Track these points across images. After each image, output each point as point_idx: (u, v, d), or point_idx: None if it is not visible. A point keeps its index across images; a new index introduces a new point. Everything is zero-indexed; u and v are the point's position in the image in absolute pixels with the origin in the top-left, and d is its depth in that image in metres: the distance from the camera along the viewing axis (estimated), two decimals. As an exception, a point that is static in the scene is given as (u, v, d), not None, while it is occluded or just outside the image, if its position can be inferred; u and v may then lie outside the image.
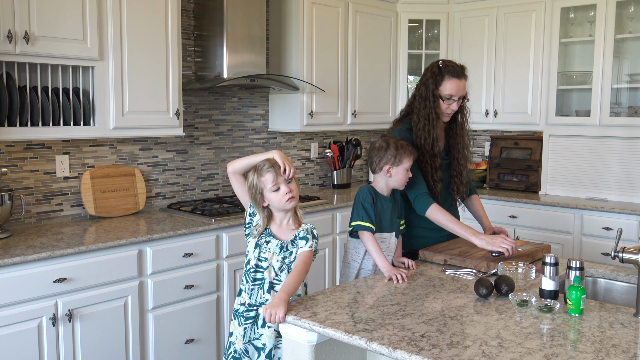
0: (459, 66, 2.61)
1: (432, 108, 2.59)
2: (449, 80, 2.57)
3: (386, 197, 2.49)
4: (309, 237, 2.13)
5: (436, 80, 2.58)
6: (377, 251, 2.34)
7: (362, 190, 2.47)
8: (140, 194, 3.55)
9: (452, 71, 2.58)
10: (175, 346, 3.11)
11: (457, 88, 2.57)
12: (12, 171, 3.10)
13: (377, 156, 2.45)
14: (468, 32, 4.81)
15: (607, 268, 2.45)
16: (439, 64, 2.61)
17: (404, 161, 2.42)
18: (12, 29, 2.71)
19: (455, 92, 2.57)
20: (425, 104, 2.59)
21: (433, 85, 2.58)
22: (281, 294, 1.93)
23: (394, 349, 1.60)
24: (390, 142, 2.44)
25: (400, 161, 2.42)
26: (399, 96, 4.95)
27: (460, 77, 2.58)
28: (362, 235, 2.40)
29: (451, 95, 2.57)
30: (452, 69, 2.58)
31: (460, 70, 2.60)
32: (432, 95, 2.58)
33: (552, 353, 1.57)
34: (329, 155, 4.71)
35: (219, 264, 3.29)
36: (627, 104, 4.25)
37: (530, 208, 4.24)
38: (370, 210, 2.41)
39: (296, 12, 4.10)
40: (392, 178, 2.44)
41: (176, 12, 3.34)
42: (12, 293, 2.51)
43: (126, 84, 3.15)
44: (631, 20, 4.13)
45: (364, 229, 2.39)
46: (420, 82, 2.65)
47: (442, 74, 2.58)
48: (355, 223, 2.41)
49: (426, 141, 2.59)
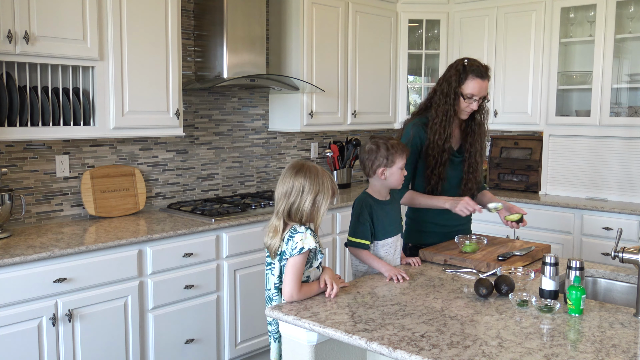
0: (483, 66, 2.61)
1: (451, 105, 2.60)
2: (472, 80, 2.57)
3: (385, 202, 2.45)
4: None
5: (460, 78, 2.59)
6: (374, 261, 2.35)
7: (357, 203, 2.43)
8: (140, 194, 3.55)
9: (477, 71, 2.58)
10: (175, 346, 3.11)
11: (479, 88, 2.58)
12: (12, 171, 3.10)
13: (368, 160, 2.39)
14: (468, 32, 4.81)
15: (607, 268, 2.45)
16: (464, 62, 2.61)
17: (397, 161, 2.37)
18: (12, 29, 2.71)
19: (477, 92, 2.58)
20: (446, 100, 2.60)
21: (456, 83, 2.59)
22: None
23: (394, 349, 1.60)
24: (380, 144, 2.38)
25: (393, 162, 2.37)
26: (399, 96, 4.95)
27: (483, 78, 2.59)
28: (356, 252, 2.40)
29: (472, 95, 2.58)
30: (477, 69, 2.59)
31: (485, 70, 2.61)
32: (453, 92, 2.59)
33: (552, 353, 1.57)
34: (329, 155, 4.71)
35: (219, 264, 3.29)
36: (627, 104, 4.25)
37: (530, 208, 4.23)
38: (365, 224, 2.37)
39: (296, 12, 4.10)
40: (388, 180, 2.40)
41: (176, 12, 3.34)
42: (12, 293, 2.51)
43: (126, 84, 3.15)
44: (631, 20, 4.12)
45: (357, 246, 2.38)
46: (443, 78, 2.65)
47: (467, 73, 2.58)
48: (350, 239, 2.41)
49: (440, 137, 2.60)
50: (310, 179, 2.06)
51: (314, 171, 2.08)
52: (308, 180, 2.05)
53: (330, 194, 2.09)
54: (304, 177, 2.06)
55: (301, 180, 2.05)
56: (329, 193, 2.08)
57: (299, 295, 1.99)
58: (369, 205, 2.39)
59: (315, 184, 2.06)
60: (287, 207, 2.06)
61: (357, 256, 2.41)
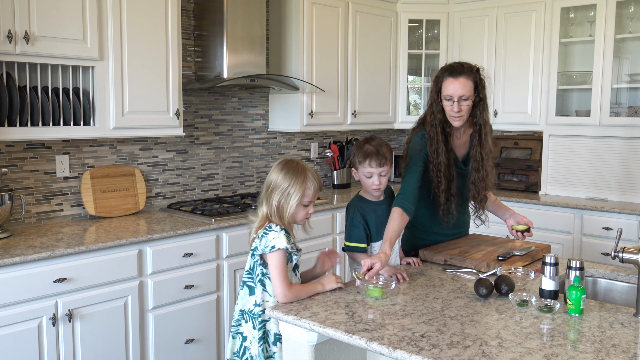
0: (458, 64, 2.46)
1: (436, 113, 2.48)
2: (445, 80, 2.44)
3: (378, 202, 2.44)
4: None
5: (437, 82, 2.49)
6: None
7: (350, 207, 2.43)
8: (140, 194, 3.55)
9: (449, 70, 2.43)
10: (175, 346, 3.11)
11: (453, 87, 2.40)
12: (12, 171, 3.10)
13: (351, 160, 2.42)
14: (468, 32, 4.81)
15: (607, 268, 2.45)
16: (443, 66, 2.51)
17: (359, 167, 2.37)
18: (12, 29, 2.71)
19: (452, 92, 2.40)
20: (431, 110, 2.50)
21: (435, 89, 2.49)
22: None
23: (394, 349, 1.60)
24: (357, 144, 2.39)
25: (357, 166, 2.38)
26: (399, 96, 4.95)
27: (455, 76, 2.41)
28: (354, 256, 2.40)
29: (450, 96, 2.41)
30: (449, 68, 2.44)
31: (459, 68, 2.42)
32: (435, 99, 2.49)
33: (552, 353, 1.57)
34: (329, 155, 4.71)
35: (219, 264, 3.29)
36: (627, 104, 4.25)
37: (530, 208, 4.23)
38: (359, 227, 2.37)
39: (296, 12, 4.10)
40: (362, 182, 2.41)
41: (176, 12, 3.34)
42: (12, 293, 2.51)
43: (126, 84, 3.15)
44: (631, 20, 4.12)
45: (354, 250, 2.38)
46: (430, 88, 2.57)
47: (443, 75, 2.46)
48: (346, 244, 2.41)
49: (431, 148, 2.48)
50: (284, 172, 2.11)
51: (293, 165, 2.12)
52: (281, 174, 2.11)
53: (300, 189, 2.09)
54: (279, 170, 2.12)
55: (277, 173, 2.12)
56: (300, 187, 2.09)
57: (291, 292, 2.00)
58: (362, 208, 2.39)
59: (289, 176, 2.10)
60: (264, 198, 2.14)
61: (355, 260, 2.42)
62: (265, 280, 2.10)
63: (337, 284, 2.10)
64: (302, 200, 2.11)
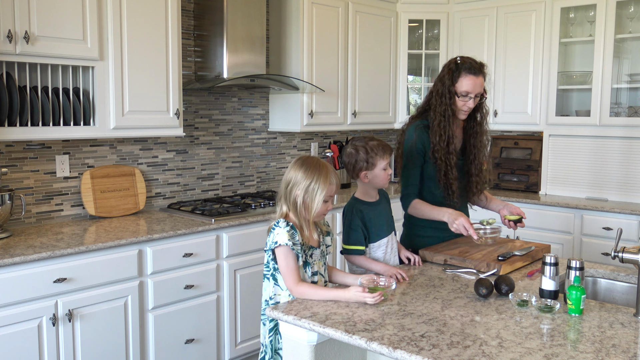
0: (476, 63, 2.55)
1: (448, 105, 2.53)
2: (465, 77, 2.51)
3: (374, 202, 2.44)
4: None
5: (452, 76, 2.53)
6: (371, 264, 2.35)
7: (347, 210, 2.42)
8: (140, 194, 3.55)
9: (469, 67, 2.52)
10: (175, 346, 3.11)
11: (473, 85, 2.51)
12: (12, 171, 3.10)
13: (349, 164, 2.39)
14: (468, 32, 4.81)
15: (607, 268, 2.45)
16: (456, 60, 2.56)
17: (378, 163, 2.36)
18: (12, 29, 2.71)
19: (471, 89, 2.51)
20: (442, 101, 2.54)
21: (449, 82, 2.53)
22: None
23: (394, 349, 1.60)
24: (358, 147, 2.37)
25: (373, 164, 2.35)
26: (399, 96, 4.95)
27: (477, 74, 2.52)
28: (352, 259, 2.40)
29: (467, 92, 2.51)
30: (469, 66, 2.53)
31: (478, 67, 2.54)
32: (448, 91, 2.53)
33: (552, 353, 1.57)
34: (329, 155, 4.71)
35: (219, 264, 3.29)
36: (627, 104, 4.25)
37: (530, 208, 4.23)
38: (357, 229, 2.36)
39: (296, 12, 4.10)
40: (372, 182, 2.39)
41: (176, 12, 3.34)
42: (12, 293, 2.51)
43: (126, 84, 3.15)
44: (631, 20, 4.13)
45: (353, 253, 2.38)
46: (437, 78, 2.61)
47: (459, 71, 2.52)
48: (344, 247, 2.41)
49: (441, 138, 2.55)
50: (305, 169, 2.11)
51: (313, 162, 2.13)
52: (302, 170, 2.11)
53: (325, 185, 2.09)
54: (300, 167, 2.12)
55: (298, 170, 2.12)
56: (324, 183, 2.09)
57: (297, 289, 2.01)
58: (359, 210, 2.39)
59: (310, 173, 2.10)
60: (283, 195, 2.14)
61: (354, 262, 2.41)
62: (276, 274, 2.13)
63: (369, 298, 1.91)
64: (325, 196, 2.12)
